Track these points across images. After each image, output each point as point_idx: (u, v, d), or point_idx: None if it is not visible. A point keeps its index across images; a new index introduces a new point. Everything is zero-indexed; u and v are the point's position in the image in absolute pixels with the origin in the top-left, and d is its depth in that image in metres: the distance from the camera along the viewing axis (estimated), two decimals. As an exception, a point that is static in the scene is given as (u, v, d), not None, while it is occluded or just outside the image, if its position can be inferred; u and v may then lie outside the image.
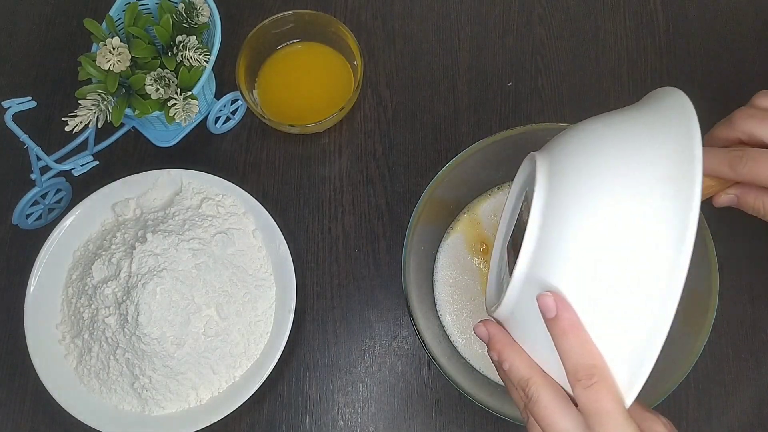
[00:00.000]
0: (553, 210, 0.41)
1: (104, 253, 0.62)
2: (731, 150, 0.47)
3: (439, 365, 0.57)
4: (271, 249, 0.65)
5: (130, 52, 0.61)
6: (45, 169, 0.64)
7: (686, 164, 0.38)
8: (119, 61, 0.61)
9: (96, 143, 0.67)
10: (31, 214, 0.67)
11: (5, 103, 0.61)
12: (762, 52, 0.73)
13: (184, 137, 0.71)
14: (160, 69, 0.62)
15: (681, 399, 0.63)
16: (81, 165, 0.64)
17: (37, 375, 0.61)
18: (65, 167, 0.63)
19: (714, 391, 0.63)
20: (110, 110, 0.61)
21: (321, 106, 0.69)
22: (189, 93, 0.62)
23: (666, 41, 0.73)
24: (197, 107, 0.62)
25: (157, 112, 0.62)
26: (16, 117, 0.61)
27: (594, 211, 0.39)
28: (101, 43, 0.61)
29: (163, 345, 0.59)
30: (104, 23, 0.64)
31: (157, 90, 0.61)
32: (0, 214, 0.70)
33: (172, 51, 0.63)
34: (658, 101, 0.44)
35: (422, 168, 0.70)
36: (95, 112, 0.60)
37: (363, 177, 0.70)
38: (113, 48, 0.61)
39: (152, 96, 0.61)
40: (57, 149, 0.65)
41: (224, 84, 0.71)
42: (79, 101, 0.60)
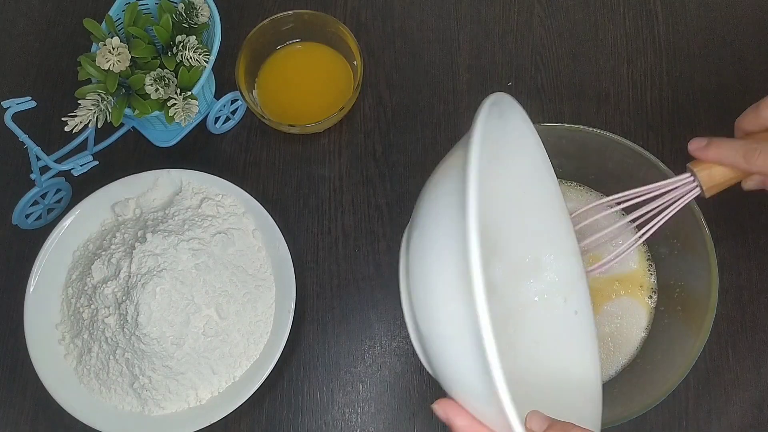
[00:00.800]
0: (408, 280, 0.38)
1: (104, 253, 0.62)
2: (747, 143, 0.48)
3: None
4: (271, 249, 0.65)
5: (130, 52, 0.61)
6: (45, 169, 0.64)
7: (463, 174, 0.34)
8: (119, 61, 0.61)
9: (96, 143, 0.67)
10: (31, 214, 0.67)
11: (5, 103, 0.61)
12: (762, 52, 0.73)
13: (184, 137, 0.71)
14: (160, 69, 0.62)
15: (681, 399, 0.63)
16: (81, 165, 0.64)
17: (37, 375, 0.61)
18: (65, 167, 0.63)
19: (714, 391, 0.63)
20: (110, 110, 0.61)
21: (321, 106, 0.69)
22: (189, 93, 0.62)
23: (666, 41, 0.73)
24: (197, 107, 0.62)
25: (157, 112, 0.62)
26: (16, 117, 0.61)
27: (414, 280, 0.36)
28: (101, 43, 0.61)
29: (163, 345, 0.59)
30: (104, 23, 0.64)
31: (157, 90, 0.61)
32: (0, 214, 0.70)
33: (172, 51, 0.63)
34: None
35: (422, 168, 0.70)
36: (95, 112, 0.60)
37: (363, 177, 0.70)
38: (113, 48, 0.61)
39: (152, 96, 0.61)
40: (57, 149, 0.65)
41: (224, 84, 0.71)
42: (79, 101, 0.60)
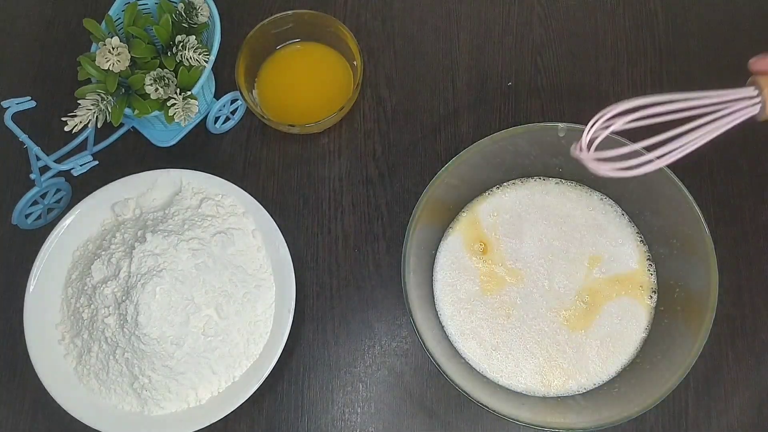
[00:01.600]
0: None
1: (104, 253, 0.62)
2: None
3: (439, 365, 0.56)
4: (271, 249, 0.65)
5: (130, 52, 0.62)
6: (44, 169, 0.64)
7: None
8: (119, 61, 0.61)
9: (95, 143, 0.67)
10: (31, 214, 0.67)
11: (5, 103, 0.61)
12: (762, 52, 0.72)
13: (184, 137, 0.71)
14: (160, 69, 0.62)
15: (681, 399, 0.63)
16: (80, 165, 0.64)
17: (37, 375, 0.61)
18: (65, 167, 0.63)
19: (714, 391, 0.63)
20: (110, 110, 0.61)
21: (321, 106, 0.69)
22: (188, 93, 0.62)
23: (666, 41, 0.73)
24: (197, 107, 0.62)
25: (157, 112, 0.62)
26: (16, 117, 0.61)
27: None
28: (101, 43, 0.61)
29: (163, 345, 0.59)
30: (104, 23, 0.64)
31: (157, 90, 0.61)
32: (0, 214, 0.70)
33: (172, 51, 0.63)
34: None
35: (422, 168, 0.70)
36: (95, 112, 0.60)
37: (362, 177, 0.70)
38: (113, 48, 0.61)
39: (152, 96, 0.61)
40: (56, 149, 0.65)
41: (224, 84, 0.71)
42: (79, 101, 0.60)
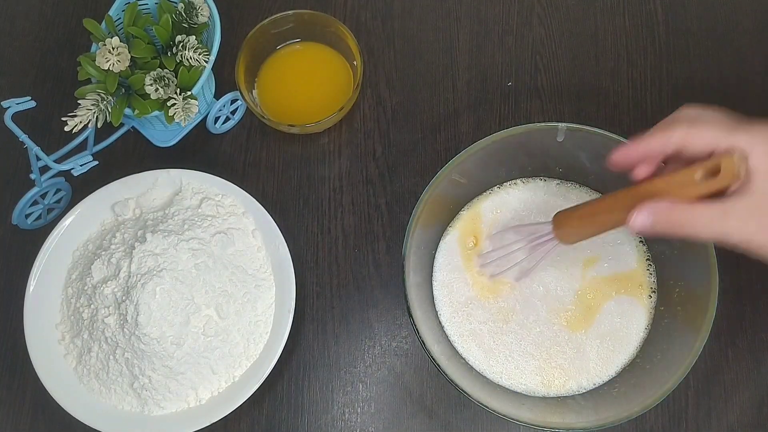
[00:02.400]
0: None
1: (104, 253, 0.62)
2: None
3: (439, 365, 0.56)
4: (271, 249, 0.65)
5: (130, 52, 0.61)
6: (44, 169, 0.64)
7: None
8: (119, 61, 0.61)
9: (96, 143, 0.67)
10: (31, 214, 0.67)
11: (5, 103, 0.61)
12: (762, 52, 0.73)
13: (184, 137, 0.71)
14: (160, 69, 0.62)
15: (681, 399, 0.63)
16: (80, 165, 0.63)
17: (37, 375, 0.61)
18: (65, 167, 0.63)
19: (714, 391, 0.63)
20: (110, 110, 0.61)
21: (321, 106, 0.69)
22: (188, 93, 0.62)
23: (666, 41, 0.73)
24: (197, 107, 0.62)
25: (157, 112, 0.62)
26: (16, 117, 0.61)
27: None
28: (101, 43, 0.61)
29: (163, 345, 0.59)
30: (104, 23, 0.64)
31: (157, 90, 0.61)
32: (0, 214, 0.70)
33: (172, 51, 0.63)
34: None
35: (422, 168, 0.70)
36: (95, 112, 0.60)
37: (362, 177, 0.70)
38: (113, 48, 0.61)
39: (152, 96, 0.61)
40: (56, 149, 0.65)
41: (224, 84, 0.71)
42: (79, 101, 0.60)
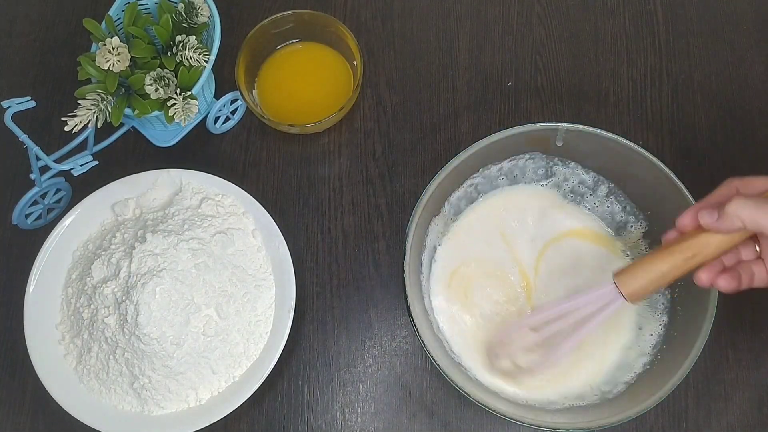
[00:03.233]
0: None
1: (104, 253, 0.62)
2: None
3: (439, 365, 0.56)
4: (271, 249, 0.65)
5: (130, 52, 0.61)
6: (44, 169, 0.64)
7: None
8: (119, 61, 0.61)
9: (96, 143, 0.67)
10: (31, 214, 0.67)
11: (5, 103, 0.61)
12: (762, 52, 0.73)
13: (184, 137, 0.71)
14: (160, 69, 0.62)
15: (681, 399, 0.63)
16: (80, 165, 0.63)
17: (37, 375, 0.61)
18: (65, 167, 0.63)
19: (714, 391, 0.63)
20: (110, 110, 0.61)
21: (321, 106, 0.69)
22: (188, 93, 0.62)
23: (666, 41, 0.73)
24: (197, 107, 0.62)
25: (157, 112, 0.62)
26: (16, 117, 0.61)
27: None
28: (101, 43, 0.61)
29: (163, 345, 0.59)
30: (104, 23, 0.64)
31: (157, 90, 0.61)
32: (0, 214, 0.70)
33: (172, 51, 0.63)
34: None
35: (422, 168, 0.70)
36: (95, 112, 0.60)
37: (362, 177, 0.70)
38: (113, 48, 0.61)
39: (152, 96, 0.61)
40: (57, 149, 0.65)
41: (224, 84, 0.71)
42: (79, 101, 0.60)
